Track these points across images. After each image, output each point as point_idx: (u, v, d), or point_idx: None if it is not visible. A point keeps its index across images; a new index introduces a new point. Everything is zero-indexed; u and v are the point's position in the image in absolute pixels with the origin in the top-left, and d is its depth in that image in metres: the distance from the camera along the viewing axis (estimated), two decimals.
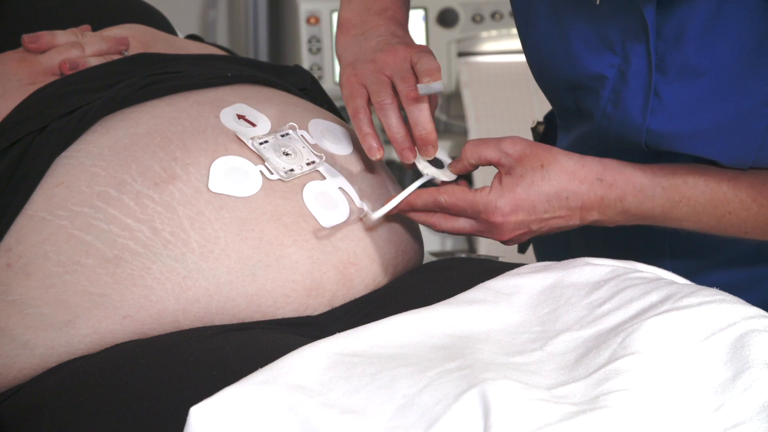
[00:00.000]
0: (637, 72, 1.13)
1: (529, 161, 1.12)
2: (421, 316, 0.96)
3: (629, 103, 1.14)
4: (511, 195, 1.11)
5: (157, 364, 0.94)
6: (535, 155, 1.12)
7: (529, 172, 1.11)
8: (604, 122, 1.16)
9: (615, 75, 1.15)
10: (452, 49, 2.85)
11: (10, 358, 1.02)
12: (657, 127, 1.13)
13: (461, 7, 2.84)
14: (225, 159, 1.09)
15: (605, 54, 1.15)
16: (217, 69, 1.21)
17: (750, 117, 1.09)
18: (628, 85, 1.14)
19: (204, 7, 2.92)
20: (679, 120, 1.12)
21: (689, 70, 1.10)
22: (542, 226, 1.13)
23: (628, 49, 1.13)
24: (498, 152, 1.12)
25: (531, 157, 1.12)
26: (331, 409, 0.82)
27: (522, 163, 1.12)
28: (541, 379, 0.88)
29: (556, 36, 1.18)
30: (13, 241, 1.04)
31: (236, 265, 1.05)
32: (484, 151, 1.13)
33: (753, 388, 0.85)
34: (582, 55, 1.16)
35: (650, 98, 1.12)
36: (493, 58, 2.86)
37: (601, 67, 1.15)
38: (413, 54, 1.16)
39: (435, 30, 2.84)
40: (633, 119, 1.14)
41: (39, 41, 1.21)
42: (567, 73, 1.19)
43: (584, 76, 1.17)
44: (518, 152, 1.12)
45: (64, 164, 1.07)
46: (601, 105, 1.16)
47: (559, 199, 1.12)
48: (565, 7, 1.17)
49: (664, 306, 0.94)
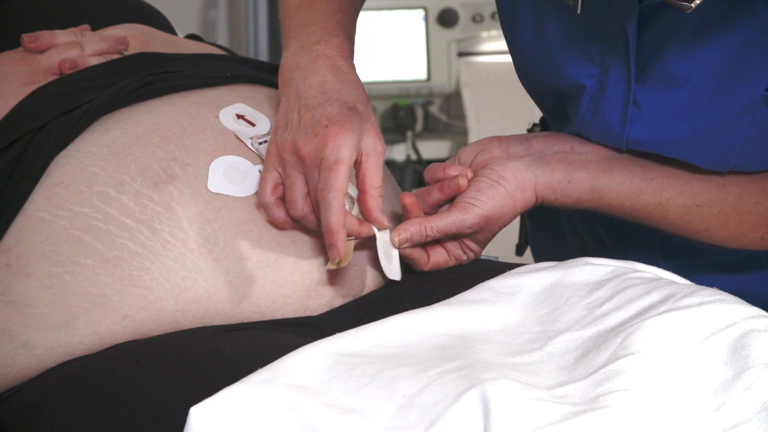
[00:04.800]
0: (616, 82, 1.13)
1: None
2: (421, 316, 0.96)
3: (608, 113, 1.14)
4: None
5: (156, 364, 0.94)
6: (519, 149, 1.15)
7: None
8: (584, 129, 1.17)
9: (594, 84, 1.15)
10: (452, 49, 2.85)
11: (9, 358, 1.01)
12: (636, 137, 1.13)
13: (461, 7, 2.84)
14: (224, 159, 1.09)
15: (584, 63, 1.15)
16: (217, 69, 1.21)
17: (729, 126, 1.10)
18: (607, 94, 1.14)
19: (204, 7, 2.92)
20: (658, 129, 1.12)
21: (669, 80, 1.10)
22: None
23: (608, 59, 1.13)
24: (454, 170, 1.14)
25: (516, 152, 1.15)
26: (331, 409, 0.82)
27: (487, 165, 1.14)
28: (541, 379, 0.88)
29: (539, 44, 1.18)
30: (13, 242, 1.04)
31: (235, 266, 1.05)
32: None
33: (753, 388, 0.85)
34: (562, 64, 1.17)
35: (629, 108, 1.13)
36: (493, 58, 2.87)
37: (580, 76, 1.15)
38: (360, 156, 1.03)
39: (435, 30, 2.85)
40: (612, 128, 1.14)
41: (38, 41, 1.21)
42: (550, 79, 1.19)
43: (565, 84, 1.17)
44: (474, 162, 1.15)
45: (63, 164, 1.07)
46: (580, 113, 1.16)
47: None
48: (547, 14, 1.17)
49: (664, 306, 0.94)
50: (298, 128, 1.03)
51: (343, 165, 0.99)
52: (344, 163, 0.99)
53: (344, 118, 1.01)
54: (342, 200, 0.99)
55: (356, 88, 1.06)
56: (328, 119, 1.01)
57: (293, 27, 1.12)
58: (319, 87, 1.05)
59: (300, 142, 1.01)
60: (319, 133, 1.01)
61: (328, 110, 1.02)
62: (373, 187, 1.03)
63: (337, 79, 1.06)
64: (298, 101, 1.04)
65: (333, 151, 0.99)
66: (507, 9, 1.23)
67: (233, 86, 1.18)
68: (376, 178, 1.03)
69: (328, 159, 0.99)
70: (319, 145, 1.00)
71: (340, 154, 0.99)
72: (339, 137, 1.00)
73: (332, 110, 1.02)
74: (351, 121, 1.01)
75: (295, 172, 1.02)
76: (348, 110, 1.02)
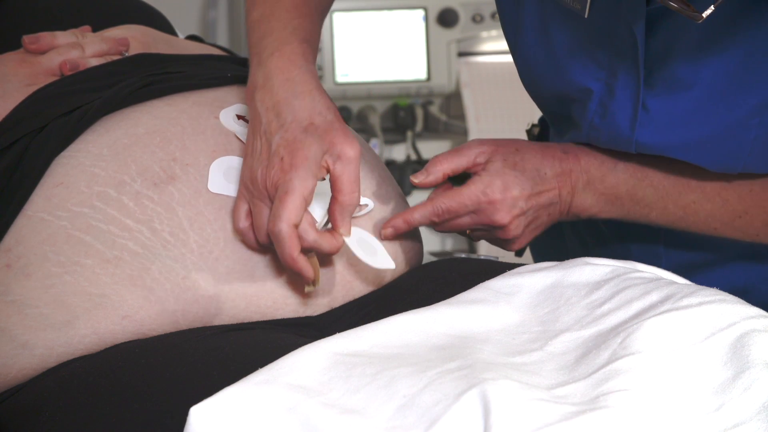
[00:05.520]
0: (624, 86, 1.13)
1: (503, 150, 1.16)
2: (421, 316, 0.96)
3: (617, 116, 1.14)
4: (501, 176, 1.15)
5: (156, 364, 0.94)
6: (505, 144, 1.17)
7: (509, 156, 1.16)
8: (592, 133, 1.17)
9: (602, 88, 1.15)
10: (452, 49, 2.85)
11: (9, 358, 1.01)
12: (645, 140, 1.14)
13: (461, 7, 2.84)
14: (224, 159, 1.09)
15: (591, 67, 1.15)
16: (217, 69, 1.21)
17: (738, 128, 1.10)
18: (616, 98, 1.14)
19: (204, 7, 2.92)
20: (668, 132, 1.13)
21: (677, 83, 1.11)
22: (532, 204, 1.16)
23: (616, 63, 1.13)
24: (467, 157, 1.16)
25: (503, 145, 1.17)
26: (331, 409, 0.82)
27: (498, 152, 1.16)
28: (541, 379, 0.88)
29: (543, 47, 1.18)
30: (13, 242, 1.04)
31: (235, 266, 1.05)
32: (456, 160, 1.16)
33: (753, 388, 0.85)
34: (568, 68, 1.17)
35: (638, 112, 1.13)
36: (493, 58, 2.87)
37: (587, 80, 1.15)
38: (333, 166, 1.03)
39: (435, 30, 2.84)
40: (621, 132, 1.14)
41: (39, 42, 1.21)
42: (554, 84, 1.19)
43: (571, 88, 1.17)
44: (488, 148, 1.16)
45: (64, 164, 1.07)
46: (588, 117, 1.16)
47: (539, 176, 1.16)
48: (552, 19, 1.17)
49: (664, 306, 0.94)
50: (259, 158, 1.03)
51: (292, 195, 0.99)
52: (293, 193, 0.99)
53: (298, 144, 1.01)
54: (290, 230, 0.99)
55: (311, 99, 1.04)
56: (284, 148, 1.02)
57: (254, 42, 1.10)
58: (274, 110, 1.04)
59: (259, 174, 1.02)
60: (274, 166, 1.01)
61: (284, 137, 1.02)
62: (342, 193, 1.03)
63: (291, 94, 1.04)
64: (260, 127, 1.05)
65: (283, 184, 1.00)
66: (510, 14, 1.22)
67: (233, 87, 1.18)
68: (345, 183, 1.02)
69: (279, 191, 1.01)
70: (274, 177, 1.01)
71: (290, 185, 1.00)
72: (291, 170, 1.00)
73: (288, 137, 1.02)
74: (305, 146, 1.01)
75: (259, 201, 1.03)
76: (303, 132, 1.02)
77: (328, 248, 1.03)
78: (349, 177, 1.02)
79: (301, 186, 1.00)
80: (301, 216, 1.00)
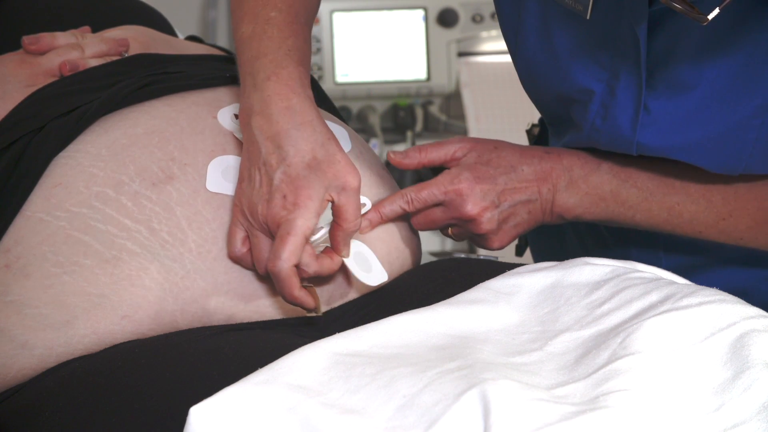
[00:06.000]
0: (626, 87, 1.13)
1: (481, 147, 1.17)
2: (421, 316, 0.96)
3: (619, 118, 1.14)
4: (471, 169, 1.16)
5: (156, 364, 0.94)
6: (485, 142, 1.18)
7: (485, 153, 1.17)
8: (594, 134, 1.17)
9: (603, 89, 1.15)
10: (452, 49, 2.85)
11: (9, 358, 1.01)
12: (646, 141, 1.14)
13: (461, 7, 2.84)
14: (222, 158, 1.09)
15: (593, 69, 1.15)
16: (216, 69, 1.21)
17: (740, 129, 1.10)
18: (617, 99, 1.14)
19: (204, 7, 2.92)
20: (669, 133, 1.13)
21: (679, 84, 1.11)
22: (505, 199, 1.16)
23: (618, 64, 1.13)
24: (446, 151, 1.17)
25: (483, 143, 1.18)
26: (330, 409, 0.82)
27: (475, 148, 1.17)
28: (541, 379, 0.88)
29: (545, 49, 1.18)
30: (12, 242, 1.04)
31: (234, 265, 1.05)
32: (435, 152, 1.17)
33: (753, 388, 0.85)
34: (570, 69, 1.17)
35: (640, 113, 1.13)
36: (493, 58, 2.87)
37: (588, 81, 1.15)
38: (337, 201, 1.04)
39: (435, 30, 2.85)
40: (622, 133, 1.14)
41: (39, 43, 1.21)
42: (555, 85, 1.19)
43: (572, 90, 1.17)
44: (467, 145, 1.17)
45: (62, 164, 1.07)
46: (590, 118, 1.16)
47: (515, 172, 1.17)
48: (553, 20, 1.16)
49: (664, 306, 0.94)
50: (259, 191, 1.02)
51: (294, 237, 1.00)
52: (295, 234, 1.00)
53: (302, 182, 1.01)
54: (290, 270, 1.00)
55: (312, 130, 1.03)
56: (287, 185, 1.01)
57: (245, 61, 1.08)
58: (274, 141, 1.02)
59: (260, 208, 1.02)
60: (277, 204, 1.01)
61: (287, 173, 1.01)
62: (347, 221, 1.04)
63: (291, 125, 1.03)
64: (259, 157, 1.03)
65: (286, 224, 1.00)
66: (510, 15, 1.22)
67: (232, 87, 1.18)
68: (350, 213, 1.03)
69: (281, 230, 1.01)
70: (276, 215, 1.01)
71: (292, 226, 1.00)
72: (294, 209, 1.00)
73: (291, 173, 1.01)
74: (308, 185, 1.01)
75: (258, 232, 1.03)
76: (306, 169, 1.02)
77: (328, 272, 1.05)
78: (352, 206, 1.03)
79: (304, 226, 1.00)
80: (301, 255, 1.01)
